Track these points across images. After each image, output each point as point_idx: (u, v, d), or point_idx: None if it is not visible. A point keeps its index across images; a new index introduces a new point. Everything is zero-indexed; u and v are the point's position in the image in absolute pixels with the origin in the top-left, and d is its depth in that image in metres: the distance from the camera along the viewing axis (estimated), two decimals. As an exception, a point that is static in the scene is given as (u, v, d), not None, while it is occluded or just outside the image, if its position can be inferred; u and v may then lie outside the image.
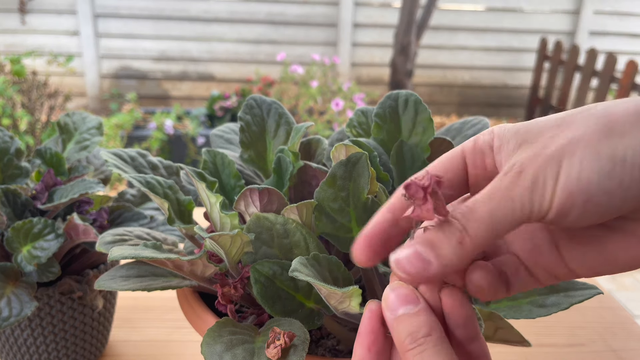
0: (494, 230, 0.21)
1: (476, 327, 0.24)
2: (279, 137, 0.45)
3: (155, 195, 0.36)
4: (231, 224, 0.36)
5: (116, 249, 0.33)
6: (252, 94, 0.46)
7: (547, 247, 0.24)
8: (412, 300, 0.22)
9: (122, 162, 0.39)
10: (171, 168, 0.42)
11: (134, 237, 0.40)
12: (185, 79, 3.81)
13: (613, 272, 0.23)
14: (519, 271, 0.25)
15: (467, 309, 0.23)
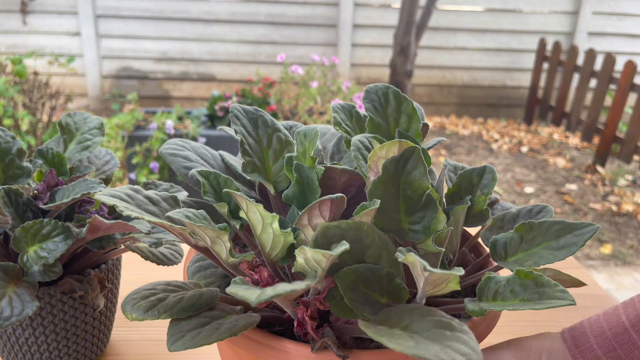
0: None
1: None
2: (273, 147, 0.45)
3: (213, 229, 0.34)
4: (284, 241, 0.36)
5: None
6: (235, 104, 0.45)
7: None
8: None
9: (123, 202, 0.37)
10: (171, 200, 0.41)
11: (160, 292, 0.37)
12: (186, 80, 3.81)
13: None
14: None
15: None
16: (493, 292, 0.37)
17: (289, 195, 0.40)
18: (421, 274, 0.34)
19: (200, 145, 0.48)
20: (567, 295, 0.34)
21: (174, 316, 0.34)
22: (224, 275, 0.41)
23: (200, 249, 0.38)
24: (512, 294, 0.36)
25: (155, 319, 0.33)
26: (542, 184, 2.94)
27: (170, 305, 0.34)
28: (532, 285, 0.36)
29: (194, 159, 0.46)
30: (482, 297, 0.37)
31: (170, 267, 0.55)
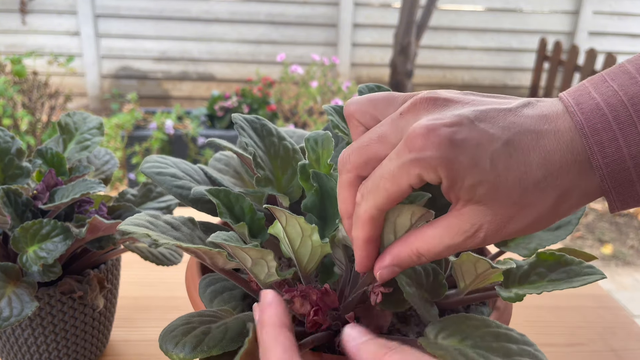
0: (439, 258, 0.30)
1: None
2: (281, 156, 0.44)
3: (258, 250, 0.32)
4: (321, 252, 0.35)
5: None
6: (237, 113, 0.44)
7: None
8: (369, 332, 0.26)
9: (147, 229, 0.35)
10: (190, 223, 0.40)
11: (198, 324, 0.35)
12: (185, 79, 3.81)
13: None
14: None
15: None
16: (518, 277, 0.37)
17: (308, 205, 0.38)
18: (474, 270, 0.34)
19: (180, 160, 0.47)
20: (595, 269, 0.34)
21: (224, 349, 0.31)
22: (243, 297, 0.39)
23: (225, 272, 0.37)
24: (538, 277, 0.36)
25: (206, 355, 0.31)
26: (542, 184, 2.94)
27: (218, 337, 0.32)
28: (556, 265, 0.36)
29: (181, 176, 0.45)
30: (508, 283, 0.37)
31: (170, 268, 0.55)
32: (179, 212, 0.70)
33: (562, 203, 0.28)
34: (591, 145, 0.28)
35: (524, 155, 0.28)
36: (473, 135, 0.28)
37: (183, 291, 0.44)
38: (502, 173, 0.27)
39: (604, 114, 0.28)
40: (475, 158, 0.27)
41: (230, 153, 0.50)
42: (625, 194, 0.28)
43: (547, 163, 0.28)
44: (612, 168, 0.27)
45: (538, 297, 0.72)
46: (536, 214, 0.28)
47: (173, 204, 0.57)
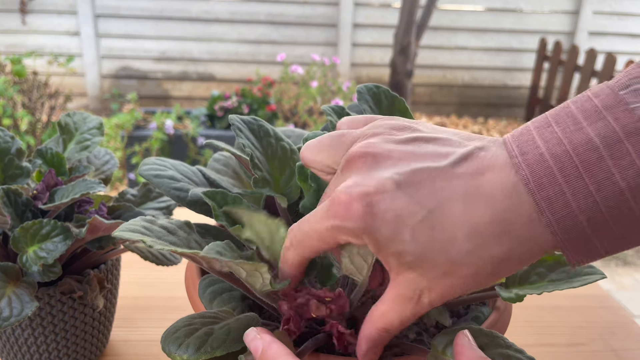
0: (406, 326, 0.30)
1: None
2: (278, 157, 0.43)
3: (251, 264, 0.32)
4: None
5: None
6: (235, 114, 0.44)
7: None
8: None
9: (146, 236, 0.35)
10: (186, 227, 0.40)
11: (200, 325, 0.35)
12: (185, 79, 3.81)
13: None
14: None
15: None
16: (518, 277, 0.36)
17: (307, 206, 0.38)
18: None
19: (179, 162, 0.47)
20: (595, 269, 0.34)
21: (228, 350, 0.31)
22: (242, 298, 0.39)
23: (223, 274, 0.37)
24: (538, 277, 0.35)
25: (210, 356, 0.30)
26: (542, 184, 2.94)
27: (222, 338, 0.31)
28: (556, 265, 0.35)
29: (180, 179, 0.44)
30: (508, 283, 0.37)
31: (170, 268, 0.55)
32: (179, 212, 0.70)
33: (502, 269, 0.27)
34: (539, 201, 0.26)
35: (449, 226, 0.26)
36: (394, 207, 0.27)
37: (183, 291, 0.45)
38: (425, 246, 0.26)
39: (549, 166, 0.26)
40: (396, 230, 0.26)
41: (229, 153, 0.50)
42: (583, 249, 0.27)
43: (475, 235, 0.26)
44: (563, 224, 0.26)
45: (538, 297, 0.71)
46: (472, 282, 0.27)
47: (173, 204, 0.57)
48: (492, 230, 0.26)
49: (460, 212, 0.26)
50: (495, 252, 0.26)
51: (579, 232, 0.26)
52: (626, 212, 0.25)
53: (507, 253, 0.27)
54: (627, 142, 0.25)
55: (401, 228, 0.26)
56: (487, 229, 0.26)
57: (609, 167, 0.25)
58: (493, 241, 0.26)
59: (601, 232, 0.26)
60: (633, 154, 0.25)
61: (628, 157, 0.25)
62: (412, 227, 0.26)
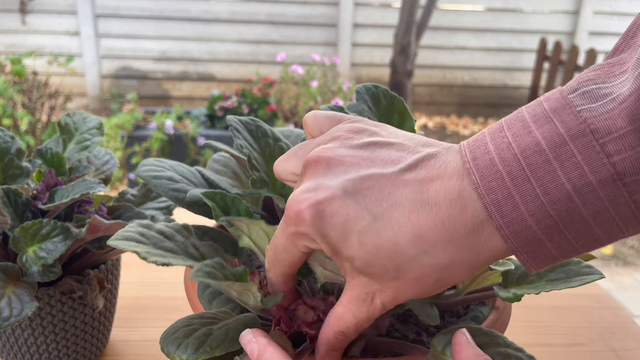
0: (362, 330, 0.31)
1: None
2: (276, 158, 0.44)
3: (241, 284, 0.33)
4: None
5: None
6: (235, 114, 0.44)
7: None
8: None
9: (140, 244, 0.35)
10: (184, 230, 0.39)
11: (199, 326, 0.35)
12: (185, 79, 3.81)
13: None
14: None
15: None
16: (516, 277, 0.36)
17: None
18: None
19: (177, 163, 0.47)
20: (594, 269, 0.34)
21: (227, 350, 0.31)
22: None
23: None
24: (537, 277, 0.35)
25: (209, 356, 0.31)
26: (542, 184, 2.94)
27: (220, 338, 0.32)
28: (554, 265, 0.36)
29: (178, 179, 0.44)
30: (506, 283, 0.37)
31: (170, 268, 0.55)
32: (179, 212, 0.70)
33: (448, 276, 0.28)
34: (487, 205, 0.26)
35: (394, 232, 0.27)
36: (341, 212, 0.27)
37: (183, 291, 0.45)
38: (371, 251, 0.27)
39: (498, 170, 0.26)
40: (345, 234, 0.27)
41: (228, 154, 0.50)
42: (537, 253, 0.27)
43: (419, 241, 0.27)
44: (513, 228, 0.26)
45: (538, 297, 0.71)
46: (422, 287, 0.28)
47: (172, 205, 0.57)
48: (435, 237, 0.27)
49: (404, 219, 0.27)
50: (439, 259, 0.27)
51: (530, 236, 0.26)
52: (575, 216, 0.25)
53: (451, 260, 0.27)
54: (571, 144, 0.25)
55: (348, 234, 0.27)
56: (430, 236, 0.27)
57: (555, 169, 0.25)
58: (436, 248, 0.27)
59: (553, 236, 0.26)
60: (578, 156, 0.25)
61: (573, 159, 0.25)
62: (358, 232, 0.27)
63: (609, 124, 0.24)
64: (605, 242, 0.27)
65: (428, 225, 0.27)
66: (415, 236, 0.27)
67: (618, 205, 0.25)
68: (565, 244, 0.26)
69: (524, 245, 0.26)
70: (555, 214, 0.25)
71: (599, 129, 0.24)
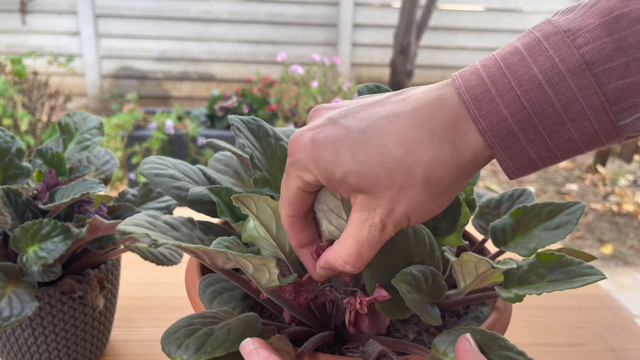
0: (365, 259, 0.32)
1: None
2: (277, 157, 0.44)
3: (260, 258, 0.33)
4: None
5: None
6: (235, 114, 0.44)
7: None
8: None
9: (151, 230, 0.35)
10: (189, 223, 0.40)
11: (200, 326, 0.35)
12: (185, 79, 3.81)
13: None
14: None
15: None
16: (517, 277, 0.37)
17: None
18: (474, 271, 0.34)
19: (179, 161, 0.47)
20: (595, 270, 0.34)
21: (228, 350, 0.31)
22: (242, 298, 0.39)
23: (225, 272, 0.37)
24: (538, 277, 0.36)
25: (210, 356, 0.30)
26: (543, 184, 2.94)
27: (222, 338, 0.32)
28: (555, 266, 0.36)
29: (180, 177, 0.45)
30: (507, 283, 0.37)
31: (170, 268, 0.55)
32: (179, 212, 0.70)
33: (435, 176, 0.29)
34: (466, 100, 0.28)
35: (380, 139, 0.29)
36: (333, 133, 0.30)
37: (183, 291, 0.44)
38: (363, 160, 0.29)
39: (479, 74, 0.29)
40: (336, 152, 0.29)
41: (230, 153, 0.50)
42: (514, 151, 0.28)
43: (403, 141, 0.29)
44: (489, 121, 0.28)
45: (538, 297, 0.72)
46: (414, 193, 0.29)
47: (173, 204, 0.57)
48: (417, 135, 0.29)
49: (389, 126, 0.29)
50: (422, 155, 0.29)
51: (506, 130, 0.28)
52: (548, 108, 0.27)
53: (434, 156, 0.29)
54: (545, 43, 0.28)
55: (340, 149, 0.29)
56: (412, 135, 0.29)
57: (529, 64, 0.28)
58: (419, 145, 0.29)
59: (528, 131, 0.28)
60: (549, 51, 0.27)
61: (545, 54, 0.27)
62: (349, 146, 0.29)
63: (580, 23, 0.27)
64: (581, 145, 0.28)
65: (409, 125, 0.29)
66: (399, 138, 0.29)
67: (588, 96, 0.27)
68: (540, 142, 0.28)
69: (500, 139, 0.28)
70: (528, 105, 0.27)
71: (571, 28, 0.27)
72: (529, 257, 0.39)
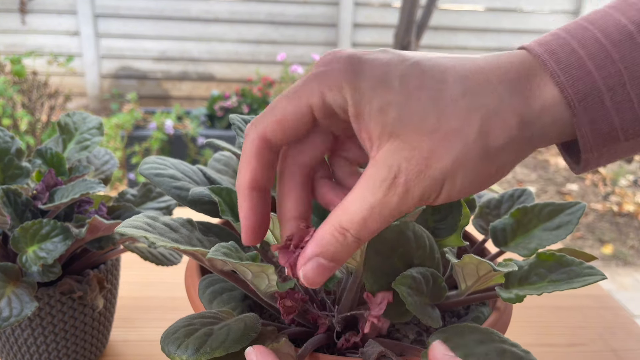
0: (370, 231, 0.25)
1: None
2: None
3: (258, 265, 0.32)
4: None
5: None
6: (235, 114, 0.44)
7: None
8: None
9: (149, 233, 0.35)
10: (188, 225, 0.40)
11: (199, 326, 0.34)
12: (185, 79, 3.81)
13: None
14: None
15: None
16: (518, 277, 0.37)
17: None
18: (476, 273, 0.34)
19: (179, 161, 0.47)
20: (596, 270, 0.34)
21: (228, 350, 0.31)
22: (242, 298, 0.39)
23: (224, 273, 0.37)
24: (539, 277, 0.36)
25: (209, 357, 0.30)
26: (543, 184, 2.94)
27: (221, 338, 0.31)
28: (556, 266, 0.36)
29: (180, 177, 0.44)
30: (508, 284, 0.37)
31: (169, 268, 0.55)
32: (179, 212, 0.70)
33: (495, 125, 0.24)
34: (541, 54, 0.24)
35: (440, 72, 0.24)
36: (383, 56, 0.25)
37: (183, 291, 0.44)
38: (413, 92, 0.24)
39: (557, 33, 0.25)
40: (383, 75, 0.24)
41: (229, 153, 0.50)
42: (595, 112, 0.24)
43: (466, 80, 0.24)
44: (570, 74, 0.24)
45: (538, 297, 0.71)
46: (463, 144, 0.23)
47: (173, 204, 0.57)
48: (483, 76, 0.24)
49: (453, 62, 0.25)
50: (486, 99, 0.24)
51: (590, 87, 0.23)
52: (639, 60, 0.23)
53: (500, 102, 0.24)
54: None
55: (389, 73, 0.24)
56: (478, 76, 0.24)
57: (616, 17, 0.24)
58: (485, 86, 0.24)
59: (616, 90, 0.23)
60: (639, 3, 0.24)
61: (635, 6, 0.24)
62: (401, 70, 0.24)
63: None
64: None
65: (477, 66, 0.24)
66: (462, 76, 0.24)
67: None
68: (627, 107, 0.23)
69: (583, 97, 0.23)
70: (618, 58, 0.23)
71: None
72: (530, 257, 0.39)
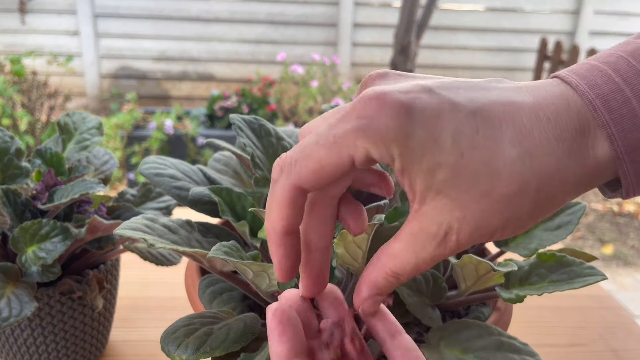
0: (420, 273, 0.25)
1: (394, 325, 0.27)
2: (278, 155, 0.44)
3: (259, 264, 0.32)
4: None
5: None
6: (235, 114, 0.44)
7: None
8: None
9: (147, 235, 0.34)
10: (187, 226, 0.39)
11: (199, 325, 0.35)
12: (185, 79, 3.81)
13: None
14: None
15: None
16: (519, 277, 0.37)
17: None
18: (475, 273, 0.34)
19: (179, 161, 0.47)
20: (596, 270, 0.34)
21: (228, 350, 0.31)
22: (242, 298, 0.39)
23: (224, 274, 0.37)
24: (539, 278, 0.36)
25: (209, 356, 0.30)
26: (542, 184, 2.94)
27: (221, 338, 0.31)
28: (557, 266, 0.36)
29: (180, 177, 0.44)
30: (508, 284, 0.37)
31: (169, 268, 0.55)
32: (178, 212, 0.70)
33: (550, 192, 0.23)
34: (592, 99, 0.22)
35: (494, 129, 0.22)
36: (434, 104, 0.22)
37: (182, 292, 0.44)
38: (465, 152, 0.22)
39: (602, 69, 0.23)
40: (435, 133, 0.22)
41: (229, 153, 0.50)
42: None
43: (523, 139, 0.22)
44: (622, 126, 0.22)
45: (539, 298, 0.71)
46: (514, 209, 0.22)
47: (172, 204, 0.57)
48: (542, 135, 0.22)
49: (506, 114, 0.23)
50: (543, 163, 0.22)
51: (638, 137, 0.22)
52: None
53: (558, 164, 0.22)
54: None
55: (442, 128, 0.22)
56: (536, 135, 0.22)
57: None
58: (542, 148, 0.22)
59: None
60: None
61: None
62: (454, 127, 0.22)
63: None
64: None
65: (532, 121, 0.23)
66: (518, 134, 0.22)
67: None
68: None
69: (632, 150, 0.22)
70: None
71: None
72: (530, 257, 0.39)
